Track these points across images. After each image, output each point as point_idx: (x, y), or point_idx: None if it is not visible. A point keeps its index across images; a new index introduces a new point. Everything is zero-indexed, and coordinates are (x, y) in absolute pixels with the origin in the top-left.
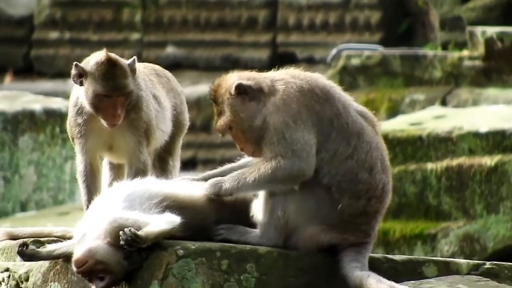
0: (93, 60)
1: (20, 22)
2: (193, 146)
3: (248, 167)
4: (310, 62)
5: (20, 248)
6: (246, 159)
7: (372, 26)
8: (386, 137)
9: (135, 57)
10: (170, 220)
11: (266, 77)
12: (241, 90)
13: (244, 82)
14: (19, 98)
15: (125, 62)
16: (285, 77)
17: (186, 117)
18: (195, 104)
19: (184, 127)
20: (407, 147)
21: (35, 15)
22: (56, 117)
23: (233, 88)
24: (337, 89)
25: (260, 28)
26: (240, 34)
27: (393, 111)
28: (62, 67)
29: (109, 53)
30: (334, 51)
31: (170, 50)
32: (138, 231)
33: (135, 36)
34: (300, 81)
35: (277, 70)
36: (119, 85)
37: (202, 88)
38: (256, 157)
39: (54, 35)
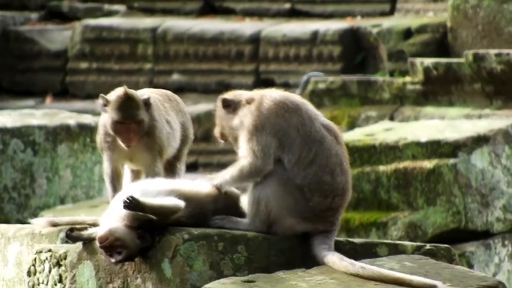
0: (114, 93)
1: (57, 55)
2: (195, 153)
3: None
4: (286, 86)
5: (68, 232)
6: None
7: (334, 58)
8: (346, 145)
9: (149, 96)
10: (172, 201)
11: (249, 93)
12: (225, 103)
13: (227, 97)
14: (58, 115)
15: (140, 97)
16: (264, 91)
17: (191, 132)
18: (196, 119)
19: (189, 140)
20: (363, 153)
21: (69, 49)
22: (87, 130)
23: (219, 102)
24: (307, 105)
25: (246, 60)
26: (230, 64)
27: (352, 125)
28: (91, 91)
29: (127, 89)
30: (304, 78)
31: (175, 77)
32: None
33: (147, 66)
34: (275, 94)
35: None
36: (132, 115)
37: (201, 107)
38: None
39: (84, 65)
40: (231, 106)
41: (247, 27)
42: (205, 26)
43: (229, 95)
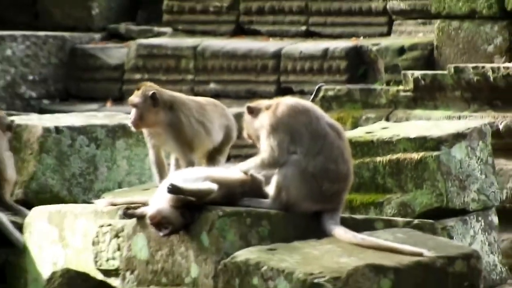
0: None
1: (116, 68)
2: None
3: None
4: (302, 93)
5: (124, 210)
6: None
7: (341, 70)
8: (350, 141)
9: (154, 91)
10: (207, 185)
11: (268, 101)
12: (249, 110)
13: (251, 105)
14: (116, 116)
15: (148, 93)
16: (280, 99)
17: (234, 133)
18: None
19: (231, 138)
20: (364, 147)
21: (125, 63)
22: None
23: (245, 109)
24: (314, 108)
25: (269, 72)
26: (256, 75)
27: (355, 125)
28: None
29: (143, 86)
30: (316, 87)
31: (212, 86)
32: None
33: (189, 77)
34: (288, 100)
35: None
36: (131, 99)
37: (232, 110)
38: None
39: (137, 76)
40: (254, 112)
41: (270, 45)
42: (236, 44)
43: (253, 103)
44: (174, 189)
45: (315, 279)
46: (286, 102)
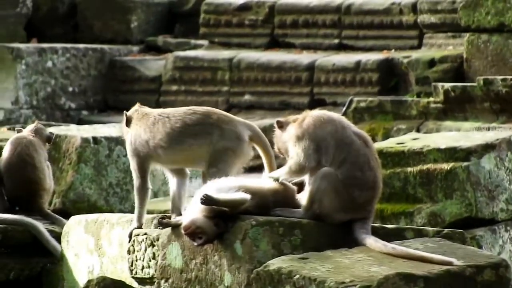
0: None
1: (153, 80)
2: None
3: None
4: (334, 105)
5: (160, 219)
6: None
7: (373, 82)
8: (381, 151)
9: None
10: (240, 195)
11: (297, 115)
12: (279, 124)
13: (280, 119)
14: None
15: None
16: (309, 112)
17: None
18: (263, 131)
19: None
20: (395, 158)
21: (163, 75)
22: None
23: (275, 123)
24: (341, 118)
25: (303, 84)
26: (290, 87)
27: (386, 136)
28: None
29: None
30: (348, 99)
31: (246, 97)
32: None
33: (225, 88)
34: (315, 112)
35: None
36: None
37: (266, 121)
38: None
39: (174, 88)
40: (283, 126)
41: (304, 58)
42: (271, 57)
43: (282, 118)
44: (207, 200)
45: None
46: (312, 113)
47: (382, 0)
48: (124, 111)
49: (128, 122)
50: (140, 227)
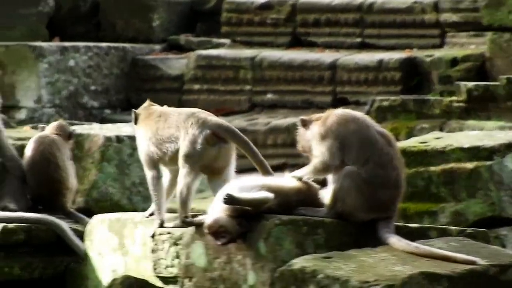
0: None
1: (176, 78)
2: (284, 156)
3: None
4: (357, 104)
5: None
6: None
7: (396, 81)
8: (404, 150)
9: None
10: (263, 194)
11: (320, 114)
12: (302, 122)
13: (304, 118)
14: None
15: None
16: (332, 110)
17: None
18: (286, 130)
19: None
20: (418, 157)
21: (185, 74)
22: None
23: (298, 122)
24: (364, 117)
25: (325, 82)
26: (313, 86)
27: (409, 135)
28: (202, 107)
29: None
30: (371, 99)
31: (269, 96)
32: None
33: (247, 87)
34: (338, 111)
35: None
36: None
37: (289, 120)
38: None
39: (196, 86)
40: (306, 124)
41: (326, 56)
42: (293, 56)
43: (306, 116)
44: (230, 200)
45: (370, 287)
46: (336, 112)
47: None
48: (132, 109)
49: (136, 120)
50: (162, 222)
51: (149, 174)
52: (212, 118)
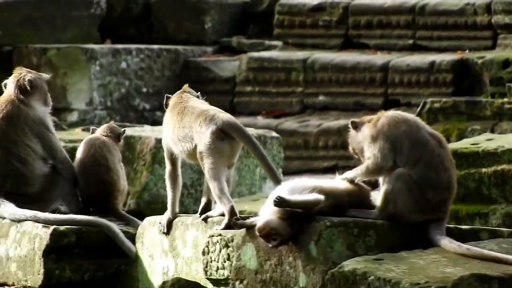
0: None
1: (227, 80)
2: (335, 157)
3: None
4: (409, 106)
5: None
6: None
7: (447, 83)
8: (456, 152)
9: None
10: (313, 196)
11: (371, 116)
12: (353, 124)
13: (355, 120)
14: None
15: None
16: (383, 112)
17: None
18: (337, 131)
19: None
20: (469, 158)
21: (237, 76)
22: None
23: (350, 124)
24: (415, 118)
25: (377, 84)
26: (364, 88)
27: (460, 136)
28: (254, 109)
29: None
30: (422, 101)
31: (321, 98)
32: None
33: (299, 89)
34: (389, 112)
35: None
36: None
37: (341, 122)
38: None
39: (248, 88)
40: (358, 127)
41: (378, 58)
42: (345, 58)
43: (357, 119)
44: (280, 202)
45: None
46: (387, 114)
47: (456, 0)
48: (166, 94)
49: (167, 106)
50: (174, 217)
51: (167, 167)
52: (221, 114)
